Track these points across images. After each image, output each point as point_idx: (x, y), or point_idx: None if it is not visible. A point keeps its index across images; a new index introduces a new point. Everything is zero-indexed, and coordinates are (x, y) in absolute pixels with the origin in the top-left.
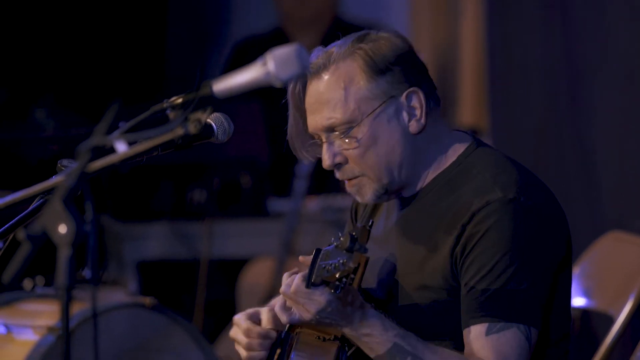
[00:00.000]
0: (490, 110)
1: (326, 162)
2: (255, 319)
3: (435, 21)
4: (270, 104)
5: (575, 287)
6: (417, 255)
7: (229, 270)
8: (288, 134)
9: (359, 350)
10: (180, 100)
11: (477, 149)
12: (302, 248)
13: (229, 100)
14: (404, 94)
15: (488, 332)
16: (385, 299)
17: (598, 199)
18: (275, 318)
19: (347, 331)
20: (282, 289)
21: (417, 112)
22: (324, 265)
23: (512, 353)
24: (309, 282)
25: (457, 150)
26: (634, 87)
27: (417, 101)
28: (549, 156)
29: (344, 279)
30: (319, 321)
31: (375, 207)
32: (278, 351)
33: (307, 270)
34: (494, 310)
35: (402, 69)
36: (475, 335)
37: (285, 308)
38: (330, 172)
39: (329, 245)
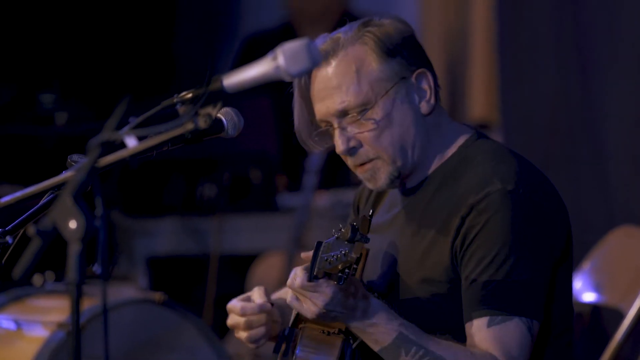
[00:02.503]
0: (501, 102)
1: (340, 148)
2: (248, 299)
3: (445, 13)
4: (280, 99)
5: (585, 282)
6: (419, 248)
7: (239, 265)
8: (295, 124)
9: (363, 344)
10: (190, 95)
11: (477, 140)
12: (312, 243)
13: (239, 95)
14: (414, 75)
15: (489, 325)
16: (386, 292)
17: (609, 193)
18: (266, 293)
19: (352, 323)
20: (288, 282)
21: (427, 94)
22: (325, 258)
23: (514, 344)
24: (312, 275)
25: (458, 141)
26: None
27: (427, 83)
28: (561, 149)
29: (347, 270)
30: (325, 314)
31: (377, 199)
32: (283, 346)
33: (308, 263)
34: (495, 303)
35: (409, 51)
36: (477, 328)
37: (295, 300)
38: (340, 167)
39: (330, 237)
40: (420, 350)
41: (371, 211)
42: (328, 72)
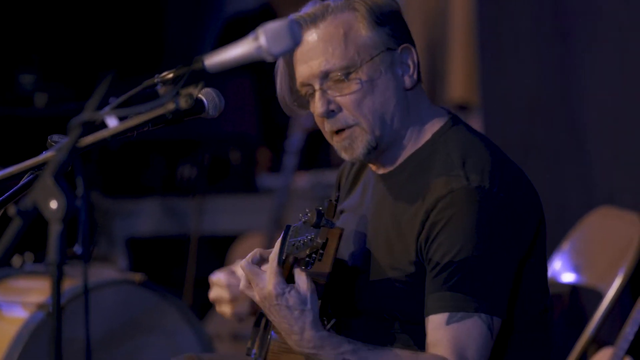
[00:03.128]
0: (481, 84)
1: (320, 109)
2: (234, 275)
3: None
4: (261, 80)
5: (564, 263)
6: (388, 237)
7: (219, 246)
8: (277, 90)
9: (338, 324)
10: (171, 75)
11: (452, 127)
12: (291, 224)
13: (220, 76)
14: (400, 48)
15: (448, 322)
16: (361, 270)
17: (588, 174)
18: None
19: (293, 339)
20: (241, 262)
21: (410, 69)
22: (293, 242)
23: (470, 343)
24: (280, 259)
25: (432, 127)
26: (626, 62)
27: (411, 58)
28: (540, 131)
29: (314, 255)
30: (266, 307)
31: (355, 179)
32: (264, 321)
33: (257, 249)
34: (454, 300)
35: (396, 24)
36: (436, 325)
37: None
38: (320, 148)
39: (298, 222)
40: None
41: (337, 195)
42: (315, 35)
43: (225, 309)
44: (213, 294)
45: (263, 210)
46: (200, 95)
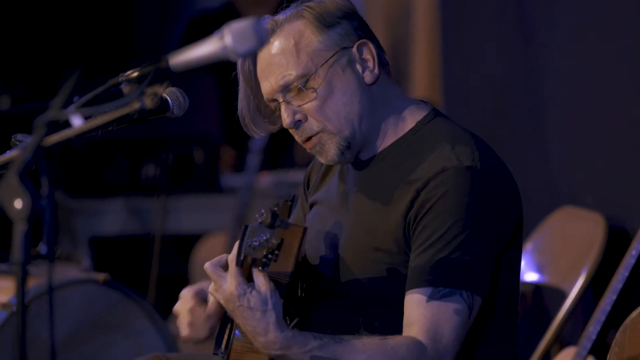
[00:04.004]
0: (444, 83)
1: (286, 121)
2: (202, 296)
3: None
4: (224, 79)
5: (527, 262)
6: (371, 218)
7: (182, 246)
8: (238, 109)
9: (302, 323)
10: (136, 74)
11: (435, 118)
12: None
13: (184, 75)
14: (355, 45)
15: (429, 298)
16: (335, 262)
17: (551, 174)
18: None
19: (259, 341)
20: (206, 264)
21: (370, 64)
22: (249, 243)
23: (447, 322)
24: (239, 260)
25: (414, 116)
26: (588, 62)
27: (369, 52)
28: (503, 131)
29: (270, 255)
30: (230, 309)
31: (326, 173)
32: (229, 326)
33: (225, 254)
34: (438, 275)
35: (349, 23)
36: (415, 300)
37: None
38: (283, 148)
39: (255, 222)
40: None
41: (293, 196)
42: (270, 51)
43: (182, 329)
44: (177, 306)
45: (227, 209)
46: (164, 95)
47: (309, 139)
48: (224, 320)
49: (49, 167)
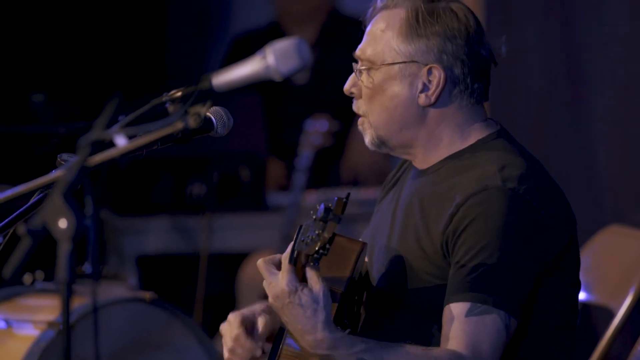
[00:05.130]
0: (490, 102)
1: (345, 85)
2: (249, 321)
3: None
4: (269, 98)
5: None
6: (417, 229)
7: (228, 264)
8: None
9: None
10: (179, 94)
11: (497, 138)
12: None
13: (228, 94)
14: (427, 67)
15: (468, 314)
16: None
17: (598, 193)
18: (270, 323)
19: (306, 339)
20: (259, 260)
21: (431, 89)
22: (302, 239)
23: (487, 339)
24: (292, 257)
25: (477, 134)
26: (635, 76)
27: (435, 79)
28: (549, 149)
29: (321, 251)
30: (279, 307)
31: (394, 183)
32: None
33: (278, 254)
34: (477, 292)
35: (442, 43)
36: (455, 315)
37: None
38: (329, 166)
39: (309, 220)
40: None
41: (348, 193)
42: (375, 19)
43: (225, 351)
44: (223, 329)
45: (273, 227)
46: (208, 114)
47: (358, 114)
48: (274, 338)
49: (94, 187)
